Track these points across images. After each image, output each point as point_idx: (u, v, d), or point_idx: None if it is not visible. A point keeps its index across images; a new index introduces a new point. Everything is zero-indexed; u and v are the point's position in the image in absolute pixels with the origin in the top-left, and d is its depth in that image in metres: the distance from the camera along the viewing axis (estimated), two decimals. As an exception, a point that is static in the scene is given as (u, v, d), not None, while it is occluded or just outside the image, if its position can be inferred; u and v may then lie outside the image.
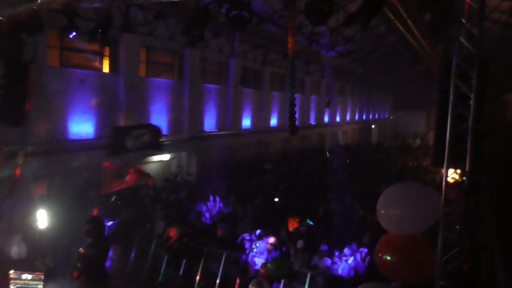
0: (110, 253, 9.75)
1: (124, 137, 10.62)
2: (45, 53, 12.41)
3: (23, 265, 6.85)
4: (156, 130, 11.63)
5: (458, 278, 5.47)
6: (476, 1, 6.04)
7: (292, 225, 10.04)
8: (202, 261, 9.52)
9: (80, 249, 6.93)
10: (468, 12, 6.12)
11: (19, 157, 9.50)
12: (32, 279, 6.33)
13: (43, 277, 6.39)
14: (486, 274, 8.18)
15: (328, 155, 19.01)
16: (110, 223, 10.54)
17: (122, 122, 15.01)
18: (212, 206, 12.72)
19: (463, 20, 6.08)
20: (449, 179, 6.26)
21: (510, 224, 9.92)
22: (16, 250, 8.39)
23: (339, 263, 8.89)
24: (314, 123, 33.19)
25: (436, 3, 17.56)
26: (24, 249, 8.46)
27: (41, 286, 6.30)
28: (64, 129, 13.37)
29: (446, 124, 6.01)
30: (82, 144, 13.62)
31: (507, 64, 27.74)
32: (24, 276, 6.34)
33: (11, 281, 6.30)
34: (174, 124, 17.91)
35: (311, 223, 10.58)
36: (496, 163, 20.58)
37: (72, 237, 10.10)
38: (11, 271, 6.49)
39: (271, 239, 9.29)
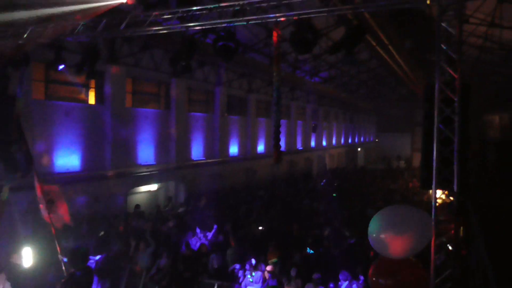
0: (99, 288, 9.59)
1: None
2: (31, 86, 12.37)
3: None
4: None
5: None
6: (454, 27, 6.28)
7: (270, 257, 10.07)
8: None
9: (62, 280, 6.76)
10: (447, 37, 6.35)
11: (3, 192, 9.31)
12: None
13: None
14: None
15: (322, 184, 19.01)
16: (98, 257, 10.33)
17: (108, 153, 14.93)
18: (202, 236, 12.57)
19: (443, 46, 6.30)
20: (438, 201, 6.33)
21: (498, 243, 10.02)
22: (0, 289, 8.13)
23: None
24: (301, 148, 33.40)
25: (416, 29, 18.12)
26: (9, 288, 8.21)
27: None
28: (50, 162, 13.20)
29: (432, 147, 6.13)
30: (68, 177, 13.43)
31: (483, 86, 28.57)
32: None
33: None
34: (162, 153, 17.85)
35: (311, 251, 10.54)
36: (480, 183, 20.92)
37: (57, 275, 9.84)
38: None
39: (269, 267, 9.19)
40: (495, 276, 7.32)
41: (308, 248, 10.76)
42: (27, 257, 9.14)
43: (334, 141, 41.94)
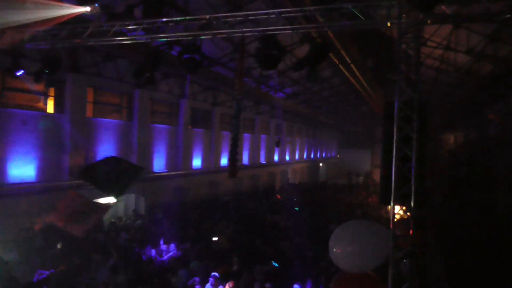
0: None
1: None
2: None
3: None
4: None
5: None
6: (413, 49, 6.57)
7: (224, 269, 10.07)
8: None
9: None
10: (406, 58, 6.63)
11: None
12: None
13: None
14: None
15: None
16: (49, 271, 9.88)
17: (66, 164, 14.45)
18: (163, 250, 12.32)
19: (402, 67, 6.57)
20: (396, 216, 6.51)
21: (454, 257, 10.39)
22: None
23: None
24: (265, 162, 33.57)
25: (377, 49, 18.77)
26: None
27: None
28: (3, 172, 12.63)
29: (391, 164, 6.31)
30: (23, 188, 12.88)
31: (440, 105, 29.86)
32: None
33: None
34: (122, 165, 17.43)
35: (276, 264, 10.54)
36: (436, 200, 21.70)
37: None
38: None
39: (230, 284, 9.11)
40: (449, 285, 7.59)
41: (273, 261, 10.75)
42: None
43: (297, 156, 42.45)
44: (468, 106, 23.72)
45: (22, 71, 9.65)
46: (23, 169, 13.15)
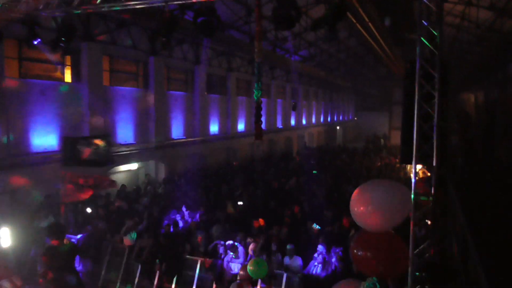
0: (81, 267, 9.58)
1: (75, 147, 10.33)
2: (3, 64, 11.97)
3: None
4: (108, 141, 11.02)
5: (432, 269, 5.66)
6: (435, 3, 6.33)
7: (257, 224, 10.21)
8: (177, 270, 9.43)
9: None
10: (427, 14, 6.40)
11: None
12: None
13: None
14: (458, 262, 8.51)
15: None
16: (79, 235, 10.28)
17: (87, 133, 14.65)
18: (185, 214, 12.62)
19: (424, 22, 6.35)
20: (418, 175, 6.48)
21: (476, 214, 10.39)
22: (-19, 269, 8.04)
23: (315, 263, 9.00)
24: (281, 126, 33.53)
25: (395, 8, 18.19)
26: (-12, 268, 8.12)
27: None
28: (26, 142, 12.90)
29: (412, 122, 6.22)
30: (45, 157, 13.18)
31: (459, 64, 29.08)
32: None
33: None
34: (141, 132, 17.64)
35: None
36: (457, 158, 21.49)
37: (37, 251, 9.80)
38: None
39: (252, 245, 9.30)
40: (473, 244, 7.61)
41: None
42: (6, 237, 9.04)
43: (313, 120, 42.20)
44: (490, 64, 23.04)
45: (39, 40, 9.63)
46: (45, 139, 13.41)
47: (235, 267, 9.42)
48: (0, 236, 9.00)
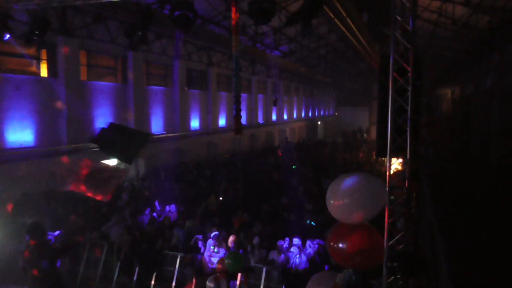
0: (59, 265, 9.45)
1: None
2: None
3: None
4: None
5: (404, 260, 5.78)
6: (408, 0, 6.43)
7: (238, 221, 10.22)
8: (156, 266, 9.41)
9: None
10: (402, 9, 6.50)
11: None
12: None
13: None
14: (428, 255, 8.72)
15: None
16: (56, 232, 10.14)
17: (63, 128, 14.44)
18: (162, 210, 12.56)
19: (398, 17, 6.45)
20: (392, 169, 6.59)
21: (445, 207, 10.65)
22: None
23: (293, 257, 9.08)
24: (262, 121, 33.60)
25: (373, 3, 18.36)
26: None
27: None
28: (1, 138, 12.64)
29: (387, 116, 6.32)
30: (21, 153, 12.94)
31: (437, 61, 29.55)
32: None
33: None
34: (120, 128, 17.43)
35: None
36: (430, 154, 21.92)
37: (15, 250, 9.64)
38: None
39: (231, 238, 9.33)
40: (441, 236, 7.81)
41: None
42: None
43: (295, 115, 42.41)
44: (466, 60, 23.50)
45: (9, 35, 9.42)
46: (20, 134, 13.17)
47: (215, 261, 9.44)
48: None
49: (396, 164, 8.54)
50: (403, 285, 6.20)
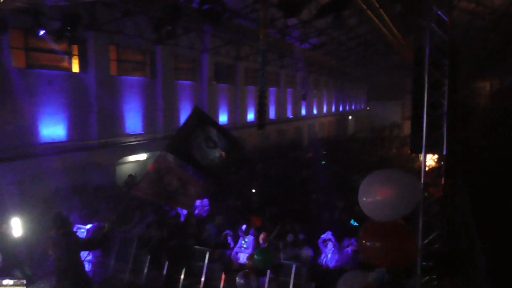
0: (91, 257, 9.61)
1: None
2: (10, 55, 11.94)
3: (0, 274, 6.57)
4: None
5: (439, 259, 5.55)
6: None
7: (255, 223, 10.12)
8: (185, 261, 9.42)
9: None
10: (437, 0, 6.19)
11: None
12: (13, 285, 6.04)
13: (25, 282, 6.13)
14: (465, 253, 8.37)
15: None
16: (88, 226, 10.32)
17: (94, 123, 14.66)
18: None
19: (434, 8, 6.15)
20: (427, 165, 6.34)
21: (483, 205, 10.19)
22: (-9, 259, 8.12)
23: (325, 254, 8.91)
24: (291, 116, 33.29)
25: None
26: (-1, 258, 8.20)
27: (23, 292, 6.04)
28: (35, 133, 12.93)
29: (422, 111, 6.08)
30: (54, 148, 13.23)
31: (475, 52, 28.46)
32: (6, 281, 6.06)
33: (-8, 287, 6.03)
34: (149, 123, 17.61)
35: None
36: (467, 149, 21.12)
37: (46, 244, 9.87)
38: None
39: (262, 235, 9.23)
40: (479, 236, 7.48)
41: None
42: (16, 227, 9.10)
43: (324, 109, 41.82)
44: (505, 51, 22.50)
45: (44, 31, 9.60)
46: (53, 129, 13.44)
47: (244, 257, 9.38)
48: (11, 226, 9.07)
49: (430, 160, 8.21)
50: (438, 285, 5.97)
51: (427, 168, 6.18)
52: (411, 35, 24.59)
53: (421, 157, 6.30)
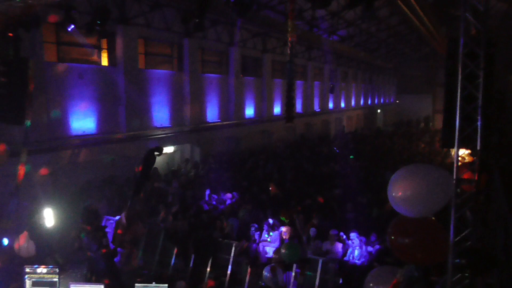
0: (119, 248, 9.80)
1: None
2: (42, 49, 12.22)
3: (33, 263, 6.78)
4: None
5: (473, 257, 5.36)
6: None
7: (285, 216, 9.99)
8: (211, 253, 9.48)
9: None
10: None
11: (22, 155, 9.41)
12: (47, 272, 6.25)
13: (57, 270, 6.31)
14: (500, 251, 8.08)
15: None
16: (117, 217, 10.51)
17: (123, 116, 14.89)
18: (218, 198, 12.66)
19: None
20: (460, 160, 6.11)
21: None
22: (25, 247, 8.38)
23: (351, 249, 8.82)
24: (319, 109, 32.96)
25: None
26: (33, 247, 8.46)
27: (57, 279, 6.22)
28: (65, 125, 13.25)
29: (455, 104, 5.86)
30: (84, 140, 13.52)
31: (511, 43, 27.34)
32: (39, 269, 6.27)
33: (27, 275, 6.23)
34: (176, 115, 17.76)
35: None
36: (502, 143, 20.38)
37: (77, 234, 10.12)
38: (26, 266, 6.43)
39: (285, 228, 9.20)
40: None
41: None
42: (49, 217, 9.34)
43: (352, 103, 41.18)
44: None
45: (73, 26, 9.76)
46: (83, 122, 13.73)
47: (270, 250, 9.38)
48: (44, 216, 9.32)
49: (463, 155, 7.95)
50: (470, 283, 5.78)
51: (459, 163, 5.95)
52: (444, 26, 23.88)
53: (453, 152, 6.08)
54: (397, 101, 55.38)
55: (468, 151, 6.83)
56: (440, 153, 21.72)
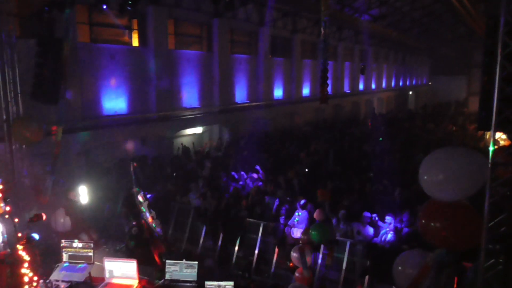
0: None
1: None
2: (76, 30, 12.45)
3: (69, 238, 7.04)
4: None
5: (506, 242, 5.23)
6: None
7: (322, 195, 9.92)
8: (239, 232, 9.58)
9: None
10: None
11: (57, 134, 9.70)
12: (83, 247, 6.50)
13: (92, 245, 6.56)
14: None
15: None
16: (148, 195, 10.74)
17: (153, 96, 15.06)
18: (247, 178, 12.70)
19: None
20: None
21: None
22: (61, 223, 8.70)
23: (385, 231, 8.73)
24: (349, 91, 32.41)
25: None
26: (68, 223, 8.78)
27: (91, 254, 6.46)
28: (98, 105, 13.54)
29: (493, 85, 5.63)
30: (116, 120, 13.79)
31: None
32: (75, 244, 6.53)
33: (64, 249, 6.50)
34: (205, 96, 17.85)
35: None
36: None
37: (110, 210, 10.45)
38: (63, 240, 6.69)
39: (317, 211, 9.18)
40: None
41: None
42: (83, 194, 9.65)
43: (384, 84, 40.27)
44: None
45: (105, 6, 9.88)
46: (115, 102, 13.99)
47: (297, 231, 9.38)
48: (79, 193, 9.64)
49: (498, 139, 7.66)
50: (503, 269, 5.65)
51: (496, 147, 5.76)
52: (482, 3, 22.84)
53: (489, 135, 5.88)
54: (430, 83, 53.79)
55: (504, 136, 6.60)
56: (473, 136, 21.03)
